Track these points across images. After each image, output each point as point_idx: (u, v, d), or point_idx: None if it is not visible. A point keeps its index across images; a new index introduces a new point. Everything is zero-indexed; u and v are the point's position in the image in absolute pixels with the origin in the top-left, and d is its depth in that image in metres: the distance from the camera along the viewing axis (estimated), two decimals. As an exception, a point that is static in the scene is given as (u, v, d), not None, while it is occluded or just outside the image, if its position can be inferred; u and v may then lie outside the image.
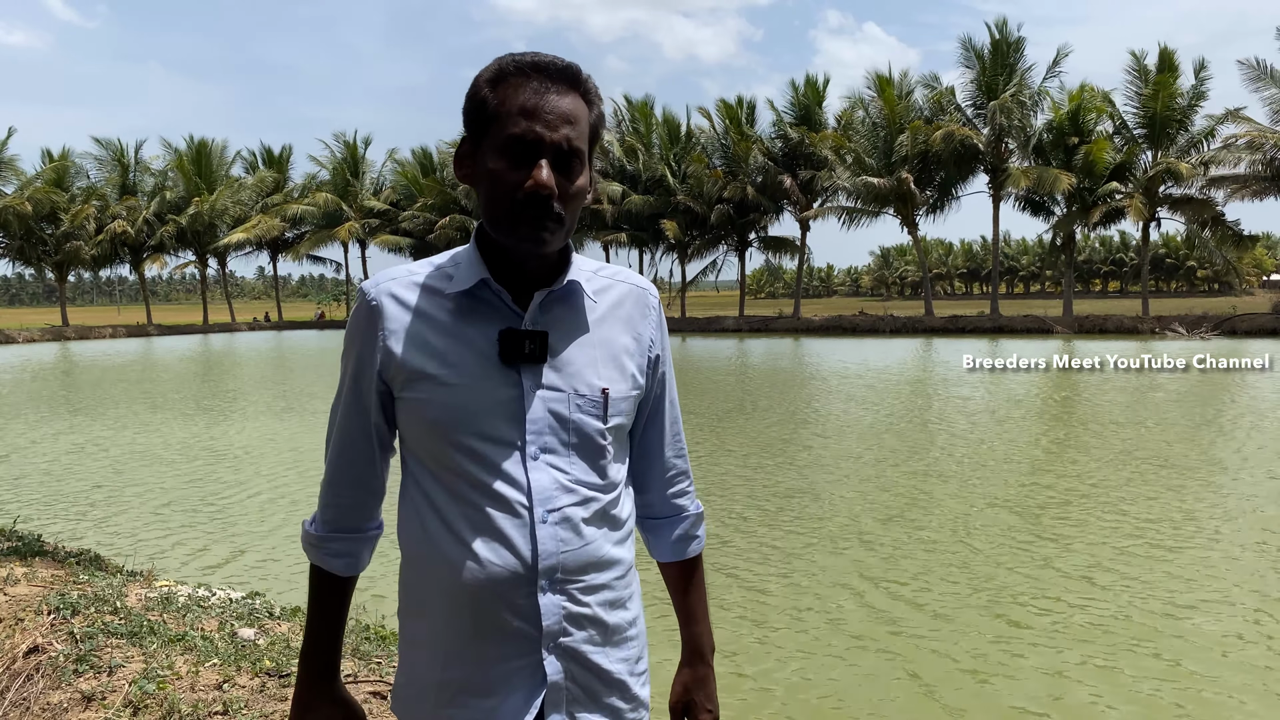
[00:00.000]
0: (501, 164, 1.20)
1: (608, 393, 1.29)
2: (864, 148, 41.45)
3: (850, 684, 4.68)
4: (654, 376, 1.40)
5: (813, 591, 6.03)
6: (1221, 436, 11.83)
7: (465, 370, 1.24)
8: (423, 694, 1.29)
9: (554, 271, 1.29)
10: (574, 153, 1.22)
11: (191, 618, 3.62)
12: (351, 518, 1.36)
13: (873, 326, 41.76)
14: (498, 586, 1.22)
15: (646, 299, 1.39)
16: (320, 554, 1.36)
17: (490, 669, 1.24)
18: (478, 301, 1.26)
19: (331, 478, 1.35)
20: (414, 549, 1.29)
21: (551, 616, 1.24)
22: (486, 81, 1.23)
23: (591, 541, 1.27)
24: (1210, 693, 4.51)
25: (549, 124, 1.19)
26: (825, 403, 16.72)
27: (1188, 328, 33.84)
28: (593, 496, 1.28)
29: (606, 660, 1.30)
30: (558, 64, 1.23)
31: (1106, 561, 6.57)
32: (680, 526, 1.47)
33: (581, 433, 1.27)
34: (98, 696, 2.82)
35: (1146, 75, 36.32)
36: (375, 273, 1.36)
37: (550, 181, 1.19)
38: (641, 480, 1.45)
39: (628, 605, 1.35)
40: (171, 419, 15.25)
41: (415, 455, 1.29)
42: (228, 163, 55.89)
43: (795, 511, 8.20)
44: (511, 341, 1.23)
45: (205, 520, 8.24)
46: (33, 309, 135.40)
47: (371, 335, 1.27)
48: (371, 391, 1.29)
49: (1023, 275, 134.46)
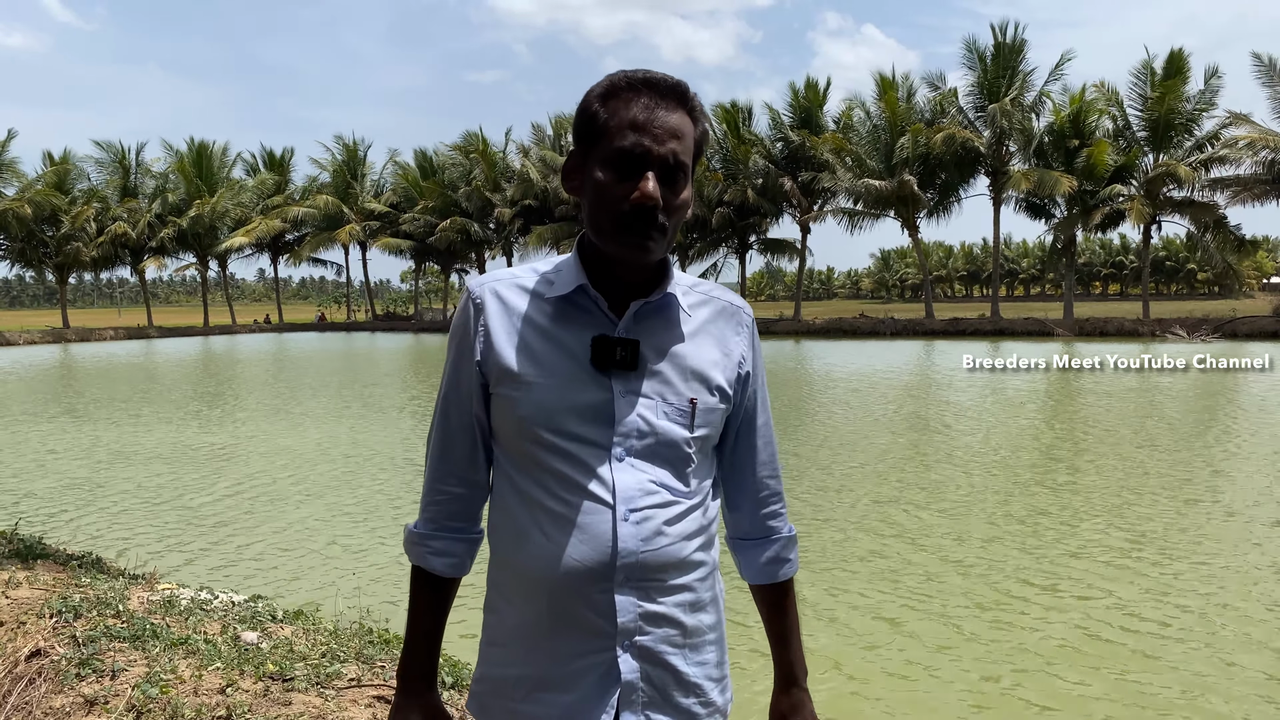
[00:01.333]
0: (610, 176, 1.24)
1: (695, 403, 1.32)
2: (865, 150, 41.48)
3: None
4: (744, 393, 1.41)
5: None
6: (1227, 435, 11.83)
7: (557, 372, 1.28)
8: (500, 689, 1.32)
9: (652, 283, 1.33)
10: (679, 167, 1.25)
11: (194, 621, 3.61)
12: (455, 515, 1.39)
13: (873, 329, 41.75)
14: (576, 581, 1.25)
15: (740, 316, 1.42)
16: (422, 552, 1.38)
17: (566, 665, 1.27)
18: (574, 307, 1.31)
19: (434, 472, 1.39)
20: (499, 544, 1.34)
21: (627, 614, 1.26)
22: (598, 96, 1.27)
23: (673, 542, 1.29)
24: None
25: (657, 138, 1.23)
26: (828, 402, 16.71)
27: (1188, 330, 33.84)
28: (676, 501, 1.30)
29: (684, 662, 1.31)
30: (667, 81, 1.27)
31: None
32: (772, 548, 1.46)
33: (668, 440, 1.30)
34: (100, 700, 2.80)
35: (1153, 77, 36.33)
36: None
37: (656, 194, 1.22)
38: (732, 498, 1.46)
39: (708, 609, 1.35)
40: (171, 420, 15.24)
41: (506, 452, 1.33)
42: (229, 165, 55.96)
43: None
44: (603, 348, 1.28)
45: (207, 523, 8.23)
46: (33, 311, 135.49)
47: (473, 330, 1.33)
48: (474, 384, 1.33)
49: (1023, 278, 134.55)
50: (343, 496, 9.27)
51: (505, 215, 51.72)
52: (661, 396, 1.30)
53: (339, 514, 8.47)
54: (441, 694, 1.40)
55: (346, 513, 8.53)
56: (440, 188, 53.89)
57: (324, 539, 7.53)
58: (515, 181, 52.22)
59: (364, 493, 9.42)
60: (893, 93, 41.30)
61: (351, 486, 9.76)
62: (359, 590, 5.97)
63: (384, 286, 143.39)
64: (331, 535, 7.68)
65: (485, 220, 53.79)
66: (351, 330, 57.25)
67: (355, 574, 6.48)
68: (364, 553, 7.05)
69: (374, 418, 15.57)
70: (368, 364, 29.65)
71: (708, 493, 1.37)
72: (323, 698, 2.88)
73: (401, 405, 17.55)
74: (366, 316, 64.50)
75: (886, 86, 41.55)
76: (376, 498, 9.12)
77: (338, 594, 5.87)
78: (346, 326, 59.84)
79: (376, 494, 9.31)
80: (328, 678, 3.03)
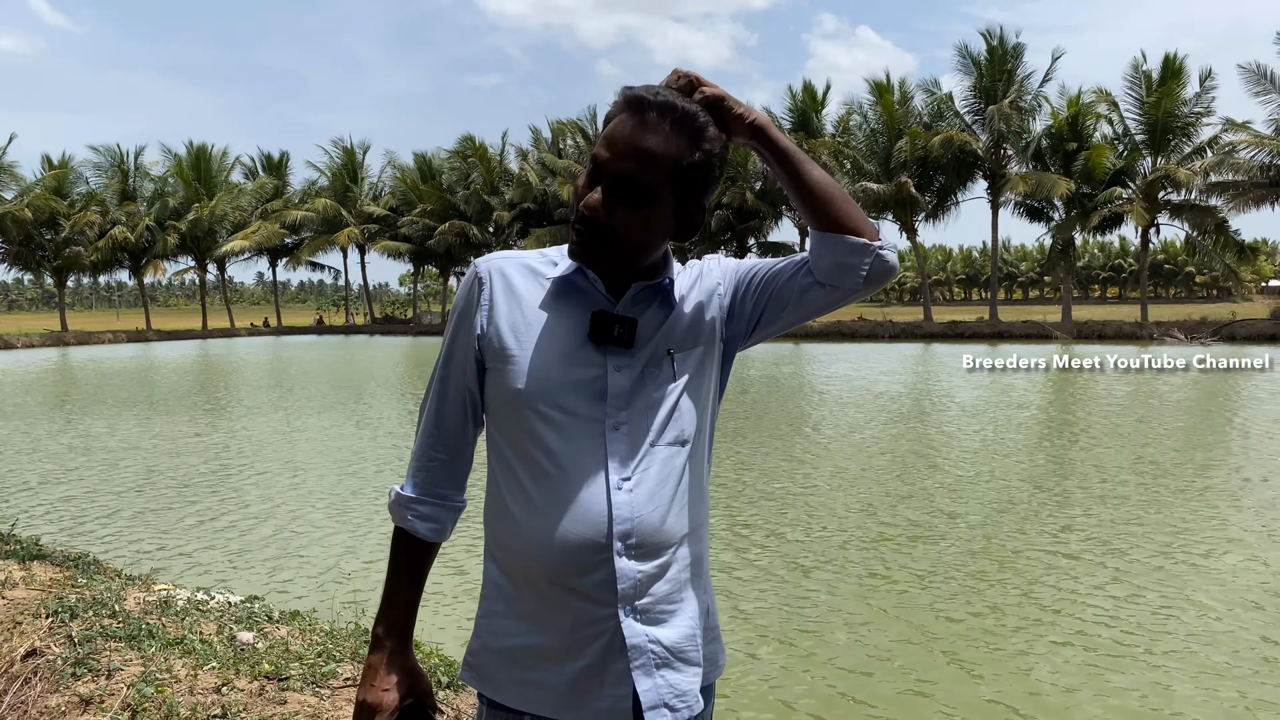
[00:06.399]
0: (583, 181, 1.32)
1: (672, 352, 1.36)
2: (862, 153, 41.55)
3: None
4: (740, 292, 1.43)
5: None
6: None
7: (553, 347, 1.33)
8: (502, 659, 1.35)
9: (654, 272, 1.38)
10: (634, 186, 1.27)
11: (190, 621, 3.61)
12: (441, 482, 1.42)
13: (872, 332, 41.77)
14: (574, 552, 1.28)
15: (707, 263, 1.47)
16: (407, 515, 1.41)
17: (571, 634, 1.30)
18: (573, 287, 1.36)
19: (425, 439, 1.43)
20: (496, 518, 1.37)
21: (627, 580, 1.29)
22: (611, 107, 1.34)
23: (666, 507, 1.33)
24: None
25: (616, 154, 1.27)
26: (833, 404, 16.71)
27: (1186, 333, 33.88)
28: (669, 468, 1.34)
29: (687, 620, 1.35)
30: (654, 100, 1.28)
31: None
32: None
33: (659, 407, 1.34)
34: (96, 700, 2.81)
35: (1149, 81, 36.40)
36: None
37: (595, 204, 1.28)
38: (794, 273, 1.41)
39: (702, 565, 1.41)
40: (170, 421, 15.23)
41: (500, 427, 1.37)
42: (227, 169, 55.99)
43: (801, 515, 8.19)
44: (601, 323, 1.32)
45: (205, 523, 8.22)
46: (31, 314, 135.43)
47: (475, 304, 1.37)
48: (469, 357, 1.38)
49: (1022, 281, 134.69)
50: (341, 497, 9.27)
51: (504, 218, 51.77)
52: (654, 370, 1.34)
53: (337, 515, 8.47)
54: (437, 693, 1.41)
55: (345, 514, 8.52)
56: (439, 191, 53.93)
57: (322, 540, 7.53)
58: (514, 184, 52.27)
59: (362, 494, 9.41)
60: (889, 96, 41.36)
61: (349, 488, 9.76)
62: (356, 591, 5.96)
63: (383, 290, 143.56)
64: (329, 536, 7.68)
65: (484, 223, 53.82)
66: (350, 333, 57.23)
67: (352, 575, 6.48)
68: (361, 553, 7.05)
69: (372, 419, 15.57)
70: (366, 366, 29.65)
71: (701, 456, 1.41)
72: (318, 697, 2.88)
73: (400, 407, 17.55)
74: (365, 320, 64.50)
75: (883, 91, 41.61)
76: (375, 499, 9.11)
77: (335, 595, 5.87)
78: (345, 330, 59.83)
79: (375, 495, 9.30)
80: (323, 677, 3.03)
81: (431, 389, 1.44)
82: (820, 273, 1.38)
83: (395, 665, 1.39)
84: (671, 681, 1.32)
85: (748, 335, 1.46)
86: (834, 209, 1.34)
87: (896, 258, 1.38)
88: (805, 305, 1.41)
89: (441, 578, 6.20)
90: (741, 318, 1.44)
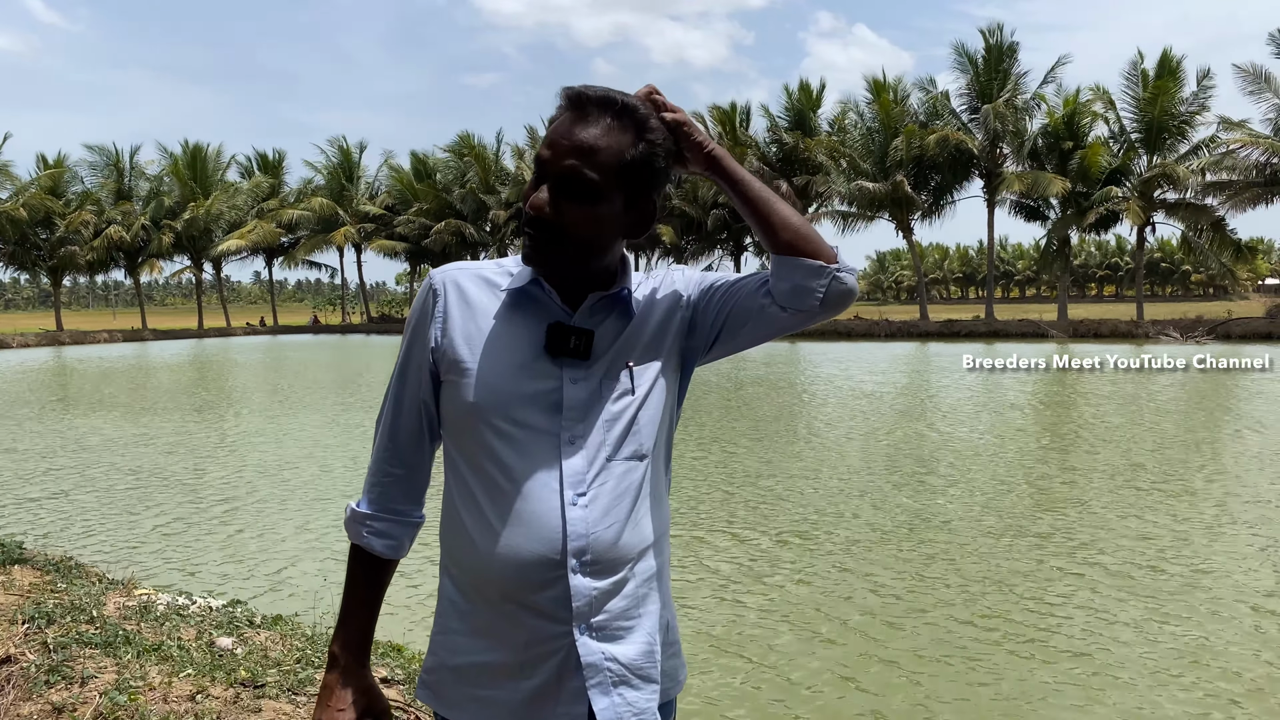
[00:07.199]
0: (531, 182, 1.30)
1: (631, 366, 1.34)
2: (859, 152, 41.52)
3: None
4: (701, 305, 1.42)
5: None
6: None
7: (508, 359, 1.30)
8: (458, 676, 1.33)
9: (610, 281, 1.35)
10: (580, 181, 1.25)
11: (169, 627, 3.58)
12: (397, 498, 1.40)
13: (868, 331, 41.75)
14: (528, 568, 1.26)
15: (669, 274, 1.45)
16: (363, 532, 1.40)
17: (525, 651, 1.28)
18: (529, 298, 1.33)
19: (381, 454, 1.41)
20: (450, 534, 1.35)
21: (581, 598, 1.26)
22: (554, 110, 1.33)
23: (622, 522, 1.30)
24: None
25: (558, 152, 1.26)
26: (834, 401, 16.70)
27: (1182, 332, 33.89)
28: (625, 483, 1.31)
29: (644, 636, 1.33)
30: (593, 95, 1.27)
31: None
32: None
33: (614, 422, 1.31)
34: (68, 708, 2.78)
35: (1145, 79, 36.39)
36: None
37: (540, 203, 1.26)
38: (754, 290, 1.40)
39: (659, 581, 1.37)
40: (163, 422, 15.18)
41: (455, 442, 1.34)
42: (223, 168, 55.85)
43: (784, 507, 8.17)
44: (558, 335, 1.30)
45: (189, 527, 8.19)
46: (27, 314, 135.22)
47: (430, 317, 1.35)
48: (424, 370, 1.36)
49: (1018, 280, 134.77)
50: (330, 502, 9.24)
51: (500, 217, 51.73)
52: (610, 383, 1.32)
53: (323, 519, 8.44)
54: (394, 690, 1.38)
55: (331, 518, 8.49)
56: (435, 190, 53.90)
57: (307, 544, 7.49)
58: (510, 183, 52.24)
59: (355, 496, 9.36)
60: (886, 95, 41.34)
61: (338, 492, 9.73)
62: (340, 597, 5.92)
63: (379, 289, 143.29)
64: (315, 541, 7.64)
65: (480, 222, 53.79)
66: (346, 333, 57.15)
67: (337, 581, 6.44)
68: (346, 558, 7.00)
69: (365, 420, 15.54)
70: (361, 366, 29.59)
71: (659, 470, 1.39)
72: (294, 704, 2.86)
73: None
74: (362, 319, 64.42)
75: (879, 89, 41.60)
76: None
77: (318, 600, 5.84)
78: (341, 329, 59.76)
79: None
80: (299, 684, 3.01)
81: (387, 403, 1.41)
82: (779, 295, 1.37)
83: (352, 684, 1.37)
84: (629, 699, 1.30)
85: (706, 350, 1.44)
86: (790, 233, 1.35)
87: (855, 280, 1.39)
88: (764, 324, 1.40)
89: (431, 589, 6.17)
90: (701, 331, 1.43)
